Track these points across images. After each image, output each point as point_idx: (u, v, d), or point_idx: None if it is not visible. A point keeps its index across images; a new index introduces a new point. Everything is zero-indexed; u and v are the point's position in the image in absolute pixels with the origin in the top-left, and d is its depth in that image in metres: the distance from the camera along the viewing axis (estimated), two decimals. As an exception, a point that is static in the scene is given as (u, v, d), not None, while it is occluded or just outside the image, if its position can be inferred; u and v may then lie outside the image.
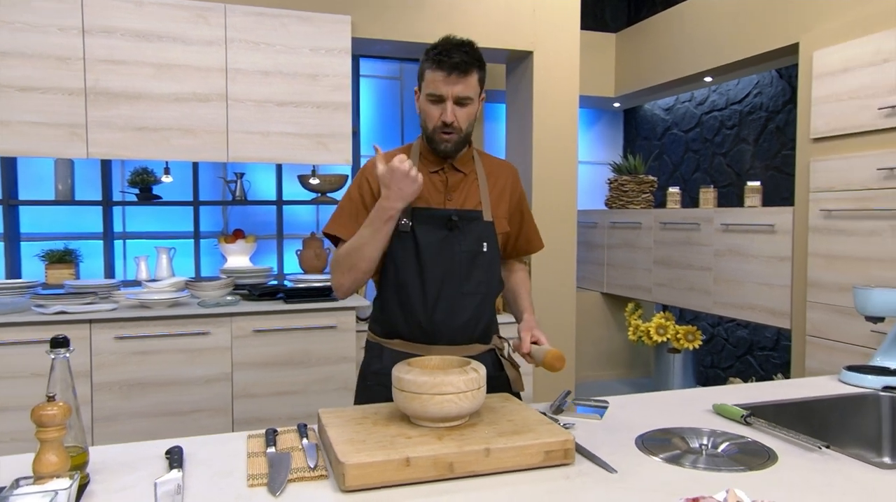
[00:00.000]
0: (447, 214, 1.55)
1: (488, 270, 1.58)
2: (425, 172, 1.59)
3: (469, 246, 1.56)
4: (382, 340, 1.62)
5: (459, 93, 1.49)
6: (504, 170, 1.69)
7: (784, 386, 1.72)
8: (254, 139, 3.02)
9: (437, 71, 1.49)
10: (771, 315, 3.36)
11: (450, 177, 1.60)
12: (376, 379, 1.61)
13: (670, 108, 5.02)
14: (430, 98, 1.51)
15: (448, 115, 1.50)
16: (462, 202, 1.59)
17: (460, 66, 1.47)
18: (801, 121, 3.15)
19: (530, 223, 1.75)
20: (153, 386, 2.87)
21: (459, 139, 1.54)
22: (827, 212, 2.98)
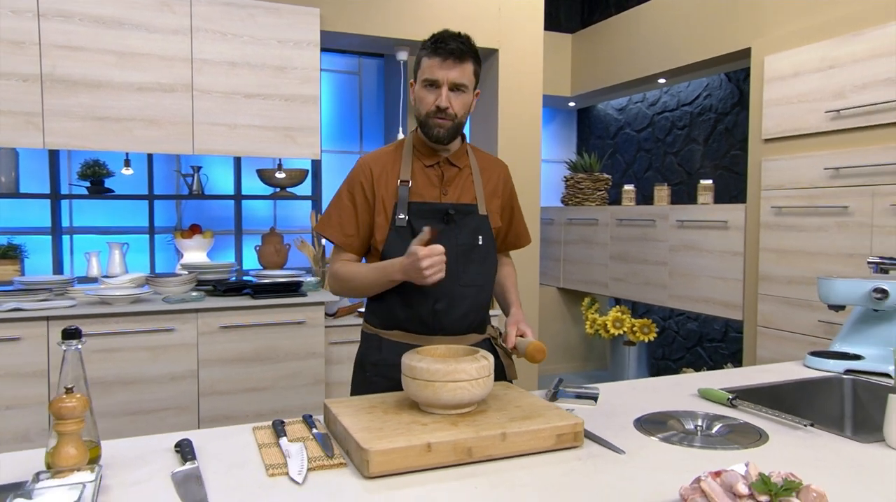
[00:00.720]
0: (443, 208, 1.58)
1: (484, 263, 1.62)
2: (420, 166, 1.61)
3: (465, 239, 1.59)
4: (381, 331, 1.64)
5: (455, 78, 1.52)
6: (496, 167, 1.73)
7: (757, 372, 1.82)
8: (220, 131, 2.96)
9: (433, 57, 1.53)
10: (724, 307, 3.52)
11: (445, 172, 1.62)
12: (375, 370, 1.63)
13: (623, 108, 5.18)
14: (425, 83, 1.54)
15: (443, 99, 1.52)
16: (458, 196, 1.62)
17: (456, 53, 1.51)
18: (753, 122, 3.32)
19: (520, 219, 1.79)
20: (116, 385, 2.78)
21: (453, 126, 1.56)
22: (777, 209, 3.15)
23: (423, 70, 1.55)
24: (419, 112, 1.58)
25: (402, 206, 1.57)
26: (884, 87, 2.70)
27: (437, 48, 1.52)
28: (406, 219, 1.56)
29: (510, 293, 1.76)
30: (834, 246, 2.89)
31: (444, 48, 1.51)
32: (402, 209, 1.57)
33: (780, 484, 0.85)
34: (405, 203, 1.57)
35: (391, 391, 1.51)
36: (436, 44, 1.53)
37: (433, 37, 1.56)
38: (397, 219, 1.56)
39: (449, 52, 1.51)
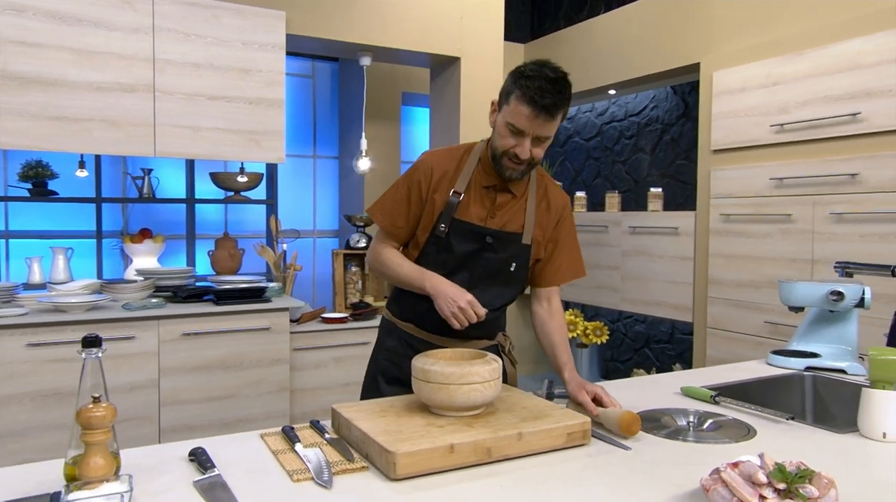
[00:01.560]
0: (483, 233, 1.57)
1: (507, 285, 1.63)
2: (478, 183, 1.59)
3: (497, 264, 1.59)
4: (397, 320, 1.71)
5: (542, 133, 1.47)
6: (557, 196, 1.67)
7: (728, 370, 1.93)
8: (183, 134, 2.89)
9: (525, 105, 1.43)
10: (675, 310, 3.69)
11: (499, 197, 1.60)
12: (387, 355, 1.72)
13: (572, 117, 5.33)
14: (509, 127, 1.47)
15: (525, 151, 1.48)
16: (503, 223, 1.59)
17: (550, 110, 1.43)
18: (703, 133, 3.49)
19: (565, 253, 1.69)
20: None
21: (528, 169, 1.55)
22: (726, 216, 3.33)
23: (511, 111, 1.46)
24: (495, 146, 1.53)
25: (447, 218, 1.57)
26: (823, 104, 2.90)
27: (533, 100, 1.42)
28: (446, 231, 1.57)
29: (561, 352, 1.62)
30: (778, 251, 3.07)
31: (539, 102, 1.41)
32: (445, 220, 1.57)
33: (795, 473, 0.92)
34: (450, 216, 1.57)
35: (397, 377, 1.67)
36: (533, 92, 1.41)
37: (531, 77, 1.43)
38: (438, 229, 1.57)
39: (543, 109, 1.42)
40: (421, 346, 1.61)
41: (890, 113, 2.65)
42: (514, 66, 1.50)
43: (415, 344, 1.66)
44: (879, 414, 1.27)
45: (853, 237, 2.76)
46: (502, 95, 1.51)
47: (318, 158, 5.12)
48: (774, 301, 3.08)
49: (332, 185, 5.14)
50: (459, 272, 1.59)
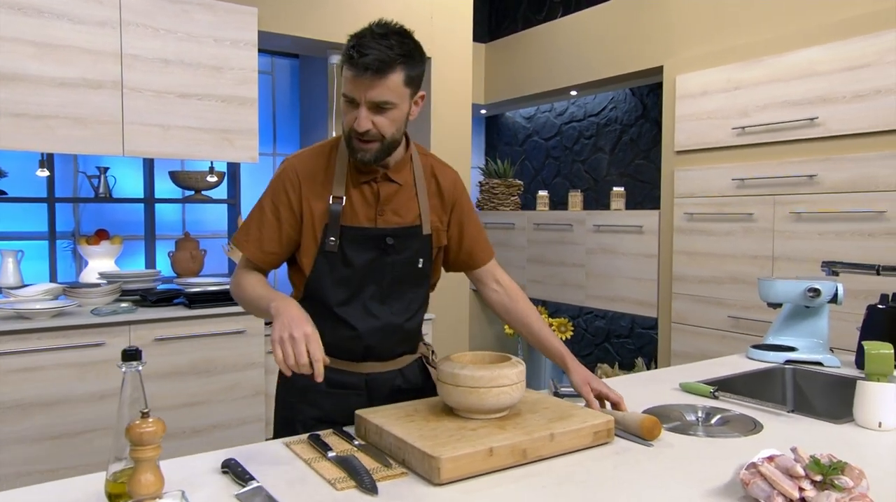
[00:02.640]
0: (381, 234, 1.40)
1: (419, 287, 1.50)
2: (355, 182, 1.40)
3: (403, 264, 1.44)
4: None
5: (375, 97, 1.27)
6: (445, 176, 1.52)
7: (713, 365, 2.01)
8: (153, 132, 2.79)
9: (347, 67, 1.27)
10: (639, 306, 3.80)
11: (382, 189, 1.41)
12: (302, 396, 1.47)
13: (531, 117, 5.41)
14: (344, 99, 1.31)
15: (361, 121, 1.28)
16: (396, 217, 1.43)
17: (374, 66, 1.24)
18: (666, 135, 3.61)
19: (473, 235, 1.56)
20: (36, 407, 2.54)
21: (382, 147, 1.33)
22: (689, 215, 3.45)
23: (342, 80, 1.30)
24: (342, 128, 1.36)
25: (334, 229, 1.38)
26: (781, 108, 3.05)
27: (352, 58, 1.25)
28: (337, 243, 1.38)
29: (550, 339, 1.56)
30: (740, 249, 3.21)
31: (358, 59, 1.24)
32: (332, 232, 1.38)
33: (829, 465, 0.98)
34: (337, 225, 1.38)
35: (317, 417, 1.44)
36: (351, 49, 1.26)
37: (351, 38, 1.29)
38: (327, 243, 1.38)
39: (365, 67, 1.24)
40: (341, 379, 1.45)
41: (844, 118, 2.82)
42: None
43: (333, 376, 1.42)
44: (875, 405, 1.36)
45: (811, 235, 2.92)
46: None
47: (279, 156, 5.02)
48: (737, 296, 3.23)
49: (293, 184, 5.05)
50: (366, 286, 1.42)
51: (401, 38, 1.30)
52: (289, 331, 1.15)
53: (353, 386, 1.46)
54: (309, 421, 1.44)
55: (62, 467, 2.59)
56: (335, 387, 1.45)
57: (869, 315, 1.85)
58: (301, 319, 1.19)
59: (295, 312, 1.21)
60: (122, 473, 0.97)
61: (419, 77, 1.35)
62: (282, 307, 1.22)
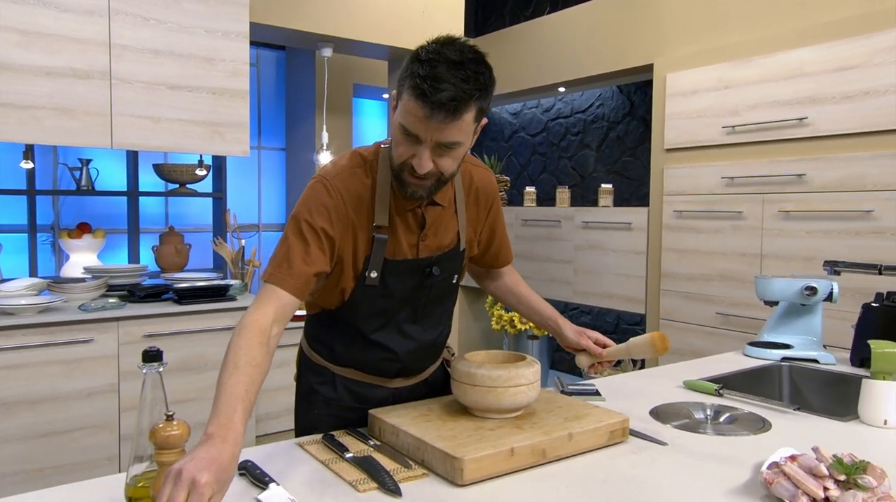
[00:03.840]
0: (427, 264, 1.32)
1: (450, 300, 1.46)
2: (398, 209, 1.27)
3: (441, 287, 1.39)
4: (332, 366, 1.41)
5: (443, 139, 1.11)
6: (484, 181, 1.42)
7: (711, 362, 2.03)
8: (142, 124, 2.73)
9: (416, 101, 1.08)
10: (627, 302, 3.83)
11: (427, 214, 1.30)
12: (326, 409, 1.41)
13: (517, 112, 5.41)
14: (402, 131, 1.13)
15: (423, 163, 1.12)
16: (438, 241, 1.33)
17: (450, 107, 1.06)
18: (656, 133, 3.64)
19: (501, 240, 1.52)
20: (21, 406, 2.48)
21: (437, 184, 1.20)
22: (678, 212, 3.49)
23: (403, 108, 1.12)
24: (393, 156, 1.19)
25: (376, 262, 1.25)
26: (771, 108, 3.08)
27: (423, 94, 1.06)
28: (378, 277, 1.28)
29: (545, 308, 1.57)
30: (729, 246, 3.25)
31: (434, 97, 1.05)
32: (374, 265, 1.26)
33: (852, 464, 0.99)
34: (380, 258, 1.26)
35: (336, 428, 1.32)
36: (425, 83, 1.06)
37: (424, 65, 1.07)
38: (367, 278, 1.27)
39: (439, 106, 1.06)
40: (367, 393, 1.41)
41: (833, 119, 2.86)
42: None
43: (360, 390, 1.40)
44: (881, 403, 1.38)
45: (800, 233, 2.97)
46: (399, 81, 1.14)
47: (264, 149, 4.97)
48: (725, 293, 3.27)
49: (279, 178, 5.00)
50: (401, 312, 1.36)
51: (476, 66, 1.10)
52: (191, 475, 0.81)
53: (380, 402, 1.40)
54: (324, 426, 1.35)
55: (48, 467, 2.54)
56: (362, 402, 1.39)
57: (864, 313, 1.88)
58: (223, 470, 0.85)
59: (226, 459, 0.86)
60: (143, 476, 0.94)
61: (486, 109, 1.16)
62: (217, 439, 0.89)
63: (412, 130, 1.11)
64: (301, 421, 1.48)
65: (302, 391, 1.48)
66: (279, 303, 1.15)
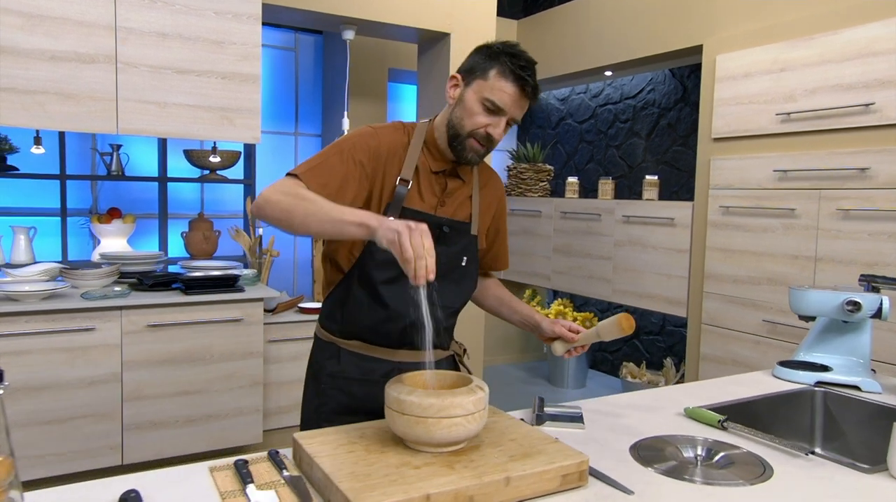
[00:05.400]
0: (439, 223, 1.42)
1: (460, 283, 1.50)
2: (426, 169, 1.43)
3: (450, 258, 1.45)
4: (339, 340, 1.48)
5: (518, 115, 1.37)
6: (494, 185, 1.59)
7: (730, 384, 1.78)
8: (149, 110, 2.67)
9: (510, 83, 1.33)
10: (668, 303, 3.55)
11: (449, 182, 1.46)
12: (332, 383, 1.48)
13: (565, 98, 5.14)
14: (486, 104, 1.34)
15: (500, 132, 1.36)
16: (454, 211, 1.47)
17: (535, 92, 1.36)
18: (703, 120, 3.32)
19: (503, 242, 1.66)
20: (23, 392, 2.48)
21: (486, 153, 1.42)
22: (725, 208, 3.17)
23: (490, 86, 1.33)
24: (461, 124, 1.37)
25: (395, 208, 1.39)
26: (832, 93, 2.73)
27: (521, 78, 1.33)
28: None
29: (518, 304, 1.63)
30: (780, 247, 2.93)
31: (529, 83, 1.33)
32: (393, 211, 1.38)
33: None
34: (398, 206, 1.39)
35: (347, 405, 1.46)
36: (521, 70, 1.33)
37: (515, 55, 1.34)
38: None
39: (531, 91, 1.35)
40: (372, 366, 1.46)
41: (905, 104, 2.50)
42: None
43: (364, 364, 1.46)
44: (914, 455, 1.12)
45: (861, 235, 2.62)
46: (473, 70, 1.37)
47: (301, 136, 4.90)
48: (773, 299, 2.95)
49: (315, 165, 4.92)
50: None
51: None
52: (405, 225, 1.06)
53: (385, 374, 1.42)
54: (338, 409, 1.45)
55: (50, 454, 2.54)
56: (366, 375, 1.45)
57: (917, 335, 1.59)
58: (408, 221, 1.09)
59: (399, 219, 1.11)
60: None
61: None
62: (384, 219, 1.11)
63: (501, 105, 1.33)
64: (308, 402, 1.52)
65: (311, 372, 1.54)
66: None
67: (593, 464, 1.16)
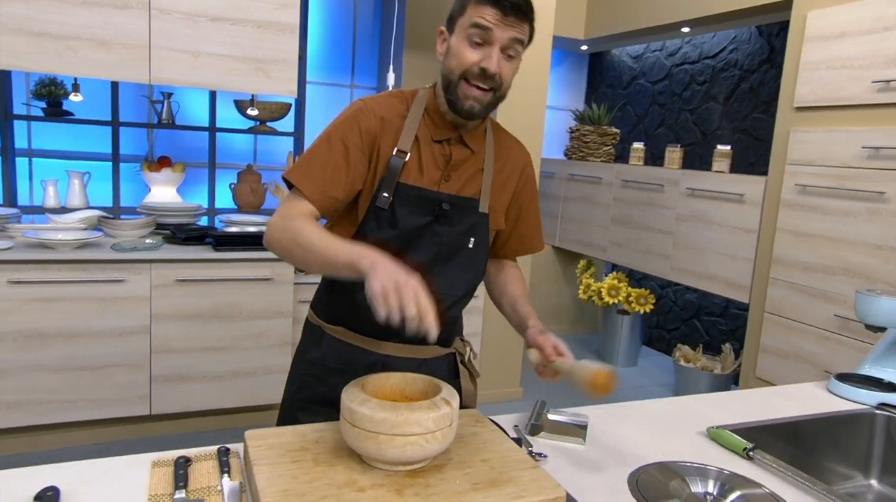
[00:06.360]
0: (438, 199, 1.26)
1: (468, 270, 1.32)
2: (427, 138, 1.27)
3: (454, 239, 1.28)
4: (324, 324, 1.35)
5: (513, 35, 1.18)
6: (515, 154, 1.39)
7: (775, 396, 1.56)
8: (182, 59, 2.59)
9: (487, 4, 1.17)
10: (729, 287, 3.26)
11: (454, 153, 1.29)
12: (310, 369, 1.35)
13: (639, 56, 4.75)
14: (471, 37, 1.18)
15: (493, 61, 1.18)
16: (460, 186, 1.29)
17: (521, 8, 1.18)
18: (786, 86, 2.95)
19: (530, 219, 1.44)
20: (57, 338, 2.52)
21: (492, 100, 1.23)
22: (802, 186, 2.83)
23: (469, 19, 1.18)
24: (450, 70, 1.21)
25: (389, 184, 1.23)
26: (944, 58, 2.34)
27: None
28: (390, 199, 1.23)
29: (522, 305, 1.38)
30: (862, 235, 2.59)
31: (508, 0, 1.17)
32: (387, 187, 1.23)
33: None
34: (393, 181, 1.23)
35: (323, 395, 1.31)
36: None
37: None
38: (380, 198, 1.23)
39: (513, 7, 1.17)
40: (355, 356, 1.31)
41: None
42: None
43: (346, 353, 1.31)
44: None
45: (960, 228, 2.26)
46: (452, 16, 1.23)
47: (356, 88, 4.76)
48: (849, 292, 2.63)
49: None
50: (407, 255, 1.23)
51: None
52: (394, 280, 0.97)
53: (368, 368, 1.28)
54: (314, 399, 1.32)
55: (82, 399, 2.59)
56: (348, 365, 1.30)
57: None
58: (404, 271, 1.00)
59: (395, 266, 1.01)
60: None
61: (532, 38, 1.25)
62: (377, 259, 1.02)
63: (484, 24, 1.16)
64: (287, 387, 1.40)
65: (295, 357, 1.42)
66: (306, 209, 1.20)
67: (580, 496, 1.00)
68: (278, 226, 1.18)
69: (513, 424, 1.27)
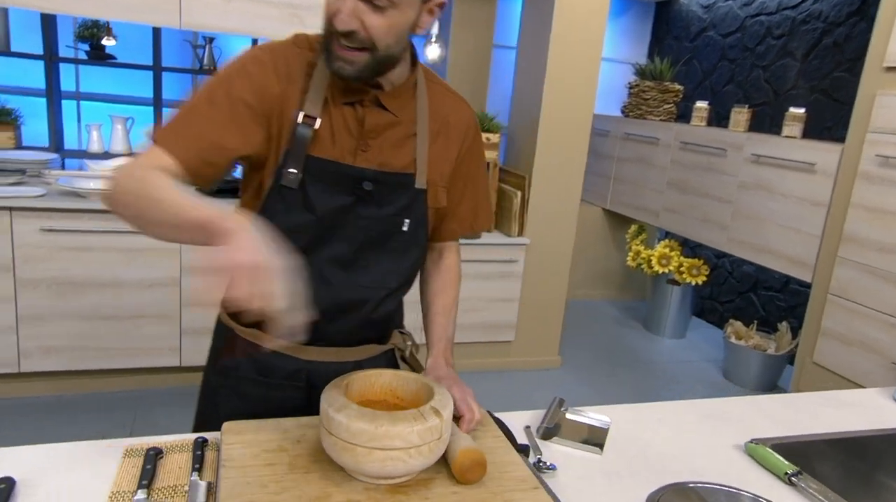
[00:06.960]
0: (359, 176, 1.02)
1: (403, 256, 1.10)
2: (335, 100, 1.01)
3: (383, 222, 1.06)
4: (237, 326, 1.10)
5: None
6: (457, 113, 1.13)
7: (827, 404, 1.38)
8: (214, 3, 2.47)
9: None
10: (791, 264, 3.01)
11: (368, 117, 1.02)
12: (223, 380, 1.12)
13: (710, 5, 4.37)
14: None
15: (342, 16, 0.90)
16: (384, 158, 1.04)
17: None
18: (877, 42, 2.62)
19: (477, 192, 1.20)
20: (88, 287, 2.53)
21: (370, 62, 0.95)
22: (884, 158, 2.54)
23: None
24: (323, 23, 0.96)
25: (297, 157, 0.99)
26: None
27: None
28: (300, 176, 0.99)
29: (436, 323, 1.18)
30: (949, 215, 2.31)
31: None
32: (294, 161, 0.98)
33: None
34: (301, 153, 0.99)
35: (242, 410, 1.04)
36: None
37: None
38: (285, 175, 0.99)
39: None
40: (272, 364, 1.09)
41: None
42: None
43: (263, 359, 1.08)
44: None
45: None
46: None
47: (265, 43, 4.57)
48: (927, 279, 2.37)
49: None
50: (327, 244, 1.03)
51: None
52: (250, 258, 0.75)
53: (288, 377, 1.10)
54: (231, 416, 1.01)
55: (114, 348, 2.61)
56: (265, 375, 1.10)
57: None
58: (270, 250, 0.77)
59: (264, 241, 0.77)
60: None
61: None
62: (243, 227, 0.78)
63: None
64: (201, 398, 1.18)
65: (207, 361, 1.18)
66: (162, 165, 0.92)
67: (589, 520, 0.88)
68: (125, 173, 0.91)
69: (524, 425, 1.14)
